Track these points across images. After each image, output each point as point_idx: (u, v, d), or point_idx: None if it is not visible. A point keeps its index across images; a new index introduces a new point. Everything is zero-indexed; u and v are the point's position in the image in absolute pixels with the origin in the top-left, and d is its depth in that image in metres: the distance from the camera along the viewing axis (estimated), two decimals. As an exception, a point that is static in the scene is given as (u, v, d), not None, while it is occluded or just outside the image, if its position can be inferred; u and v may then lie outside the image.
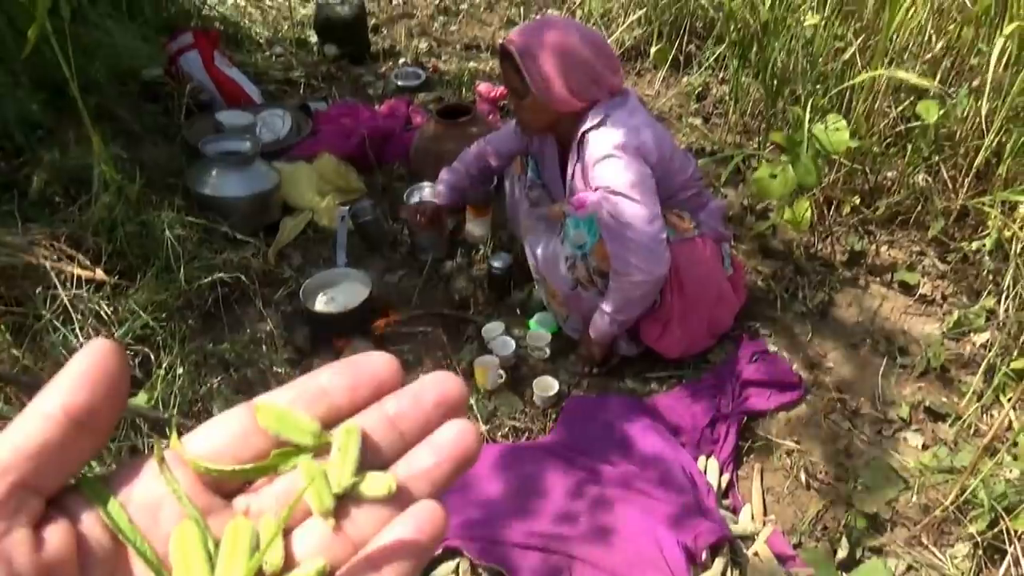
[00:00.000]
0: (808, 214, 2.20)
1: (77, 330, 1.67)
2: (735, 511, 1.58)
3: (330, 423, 0.29)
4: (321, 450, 0.28)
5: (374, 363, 0.30)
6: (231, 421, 0.28)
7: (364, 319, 1.95)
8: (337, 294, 1.99)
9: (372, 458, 0.28)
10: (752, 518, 1.56)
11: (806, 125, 1.89)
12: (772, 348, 1.97)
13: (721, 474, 1.64)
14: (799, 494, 1.66)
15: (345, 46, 3.30)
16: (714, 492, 1.56)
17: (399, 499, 0.28)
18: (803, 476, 1.68)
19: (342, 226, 2.17)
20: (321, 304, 1.96)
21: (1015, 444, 1.72)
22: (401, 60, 3.37)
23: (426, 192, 2.24)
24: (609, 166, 1.65)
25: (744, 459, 1.73)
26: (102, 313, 1.74)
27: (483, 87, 2.90)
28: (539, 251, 1.87)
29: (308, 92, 3.09)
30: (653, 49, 3.13)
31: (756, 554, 1.45)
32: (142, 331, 1.78)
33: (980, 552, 1.50)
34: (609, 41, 3.26)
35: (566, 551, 1.30)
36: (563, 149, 1.86)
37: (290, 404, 0.28)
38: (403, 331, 2.00)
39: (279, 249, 2.24)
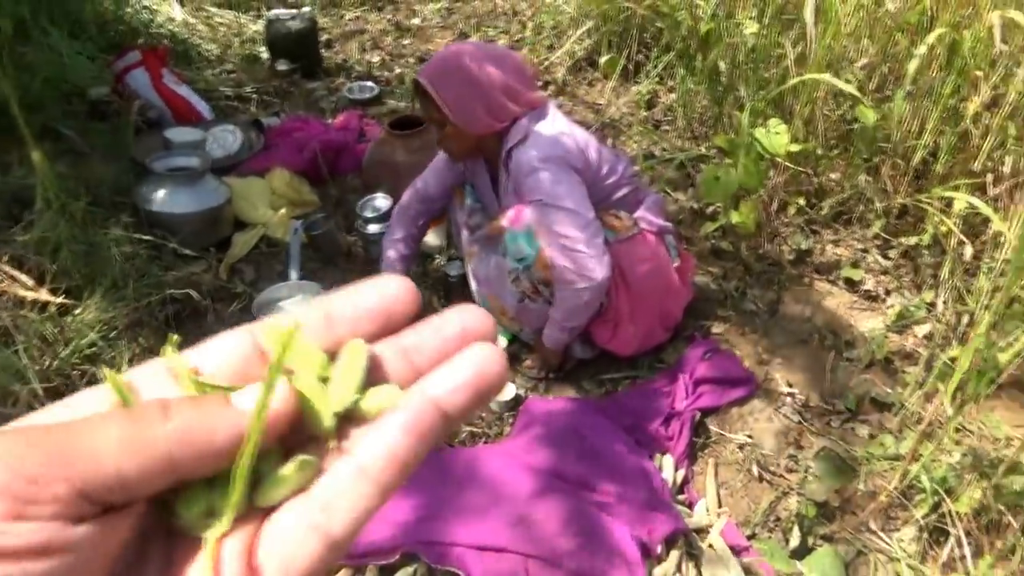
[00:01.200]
0: (754, 215, 2.27)
1: (20, 351, 1.63)
2: (690, 505, 1.61)
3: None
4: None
5: (386, 289, 0.27)
6: (234, 342, 0.27)
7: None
8: (291, 308, 1.97)
9: (380, 379, 0.26)
10: (707, 511, 1.58)
11: (745, 129, 1.94)
12: (724, 346, 2.01)
13: (676, 470, 1.67)
14: (752, 486, 1.69)
15: (297, 61, 3.30)
16: (669, 488, 1.59)
17: None
18: (756, 469, 1.71)
19: (295, 239, 2.16)
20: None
21: (957, 430, 1.79)
22: (354, 74, 3.38)
23: (379, 203, 2.25)
24: (538, 179, 1.67)
25: (698, 454, 1.76)
26: (47, 334, 1.71)
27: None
28: (483, 272, 1.89)
29: (260, 107, 3.09)
30: (603, 59, 3.19)
31: (711, 546, 1.47)
32: (90, 350, 1.75)
33: (925, 535, 1.55)
34: (560, 52, 3.32)
35: (523, 551, 1.31)
36: (493, 169, 1.88)
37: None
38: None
39: (232, 264, 2.23)
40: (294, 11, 3.29)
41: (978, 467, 1.50)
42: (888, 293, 2.20)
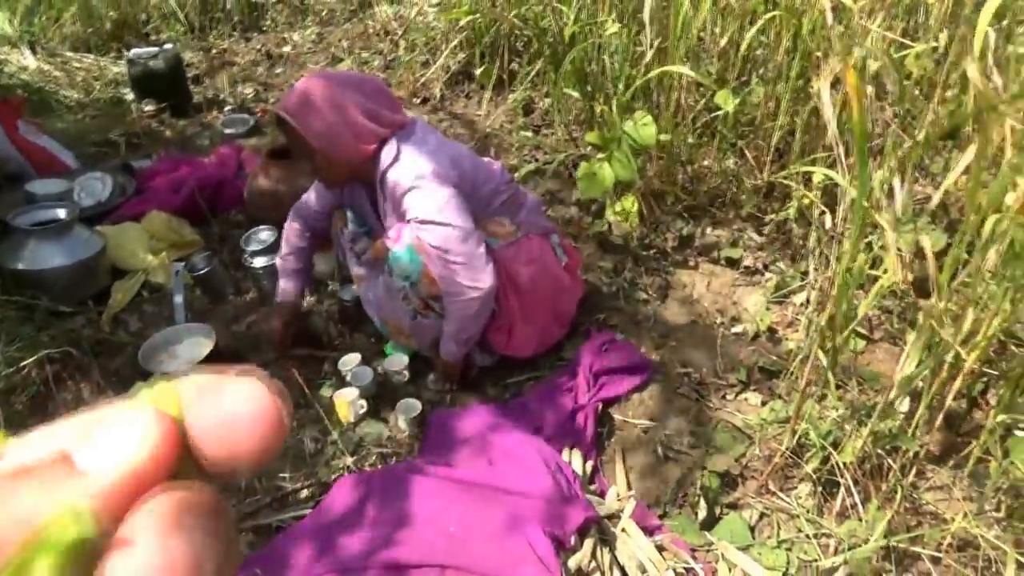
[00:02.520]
0: (636, 208, 2.36)
1: None
2: (602, 494, 1.65)
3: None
4: None
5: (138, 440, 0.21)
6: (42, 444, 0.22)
7: (213, 372, 1.88)
8: (180, 351, 1.91)
9: None
10: (617, 497, 1.63)
11: (616, 124, 2.02)
12: (620, 336, 2.07)
13: (585, 462, 1.71)
14: (659, 467, 1.76)
15: (165, 100, 3.19)
16: (579, 480, 1.63)
17: None
18: (660, 450, 1.78)
19: (177, 282, 2.09)
20: (162, 364, 1.89)
21: (837, 387, 1.91)
22: (227, 108, 3.30)
23: (263, 235, 2.20)
24: (414, 197, 1.68)
25: (605, 444, 1.81)
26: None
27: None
28: (373, 295, 1.89)
29: (129, 151, 2.97)
30: (478, 71, 3.24)
31: (623, 530, 1.52)
32: (-39, 424, 1.64)
33: (819, 488, 1.64)
34: (436, 67, 3.35)
35: (438, 563, 1.31)
36: (372, 192, 1.88)
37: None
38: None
39: (113, 315, 2.13)
40: (155, 49, 3.18)
41: (856, 416, 1.61)
42: (766, 267, 2.33)
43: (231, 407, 0.22)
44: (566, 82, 2.72)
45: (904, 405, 1.68)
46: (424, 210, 1.66)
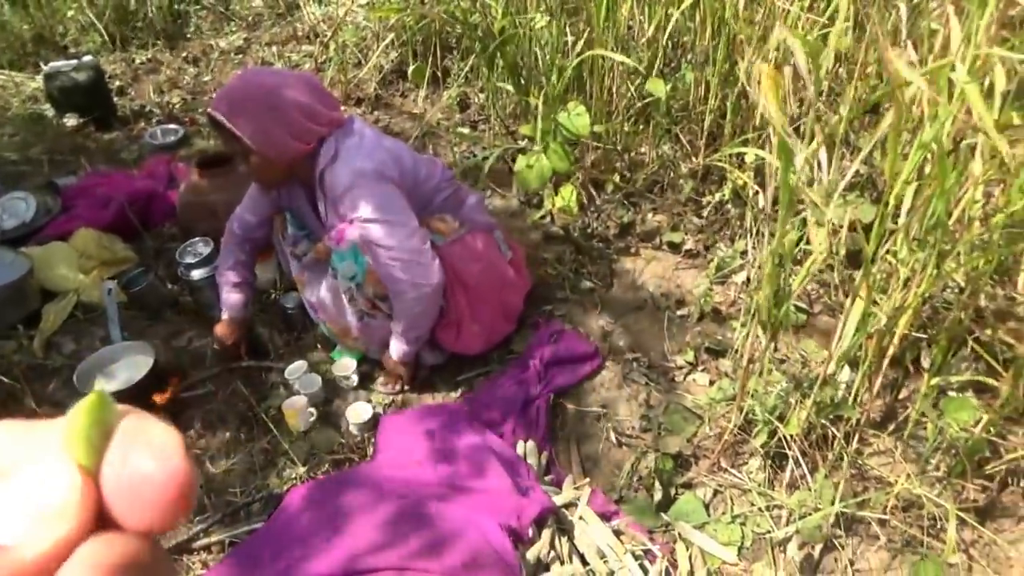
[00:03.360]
0: (575, 198, 2.37)
1: None
2: (558, 484, 1.66)
3: None
4: None
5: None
6: None
7: (154, 391, 1.83)
8: (118, 371, 1.85)
9: None
10: (573, 486, 1.64)
11: (550, 115, 2.02)
12: (567, 326, 2.08)
13: (540, 453, 1.72)
14: (613, 453, 1.77)
15: (87, 113, 3.08)
16: (535, 472, 1.63)
17: None
18: (613, 436, 1.79)
19: (109, 300, 2.02)
20: (99, 385, 1.82)
21: (781, 362, 1.95)
22: (154, 119, 3.20)
23: (199, 247, 2.15)
24: (354, 196, 1.65)
25: (559, 434, 1.82)
26: None
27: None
28: (316, 298, 1.86)
29: (53, 169, 2.86)
30: (411, 69, 3.21)
31: (581, 518, 1.52)
32: None
33: (769, 462, 1.68)
34: (369, 66, 3.31)
35: (395, 566, 1.30)
36: (311, 193, 1.85)
37: None
38: (200, 393, 1.91)
39: (46, 339, 2.05)
40: (74, 61, 3.07)
41: (799, 389, 1.65)
42: (707, 249, 2.37)
43: (140, 468, 0.22)
44: (499, 76, 2.72)
45: (844, 375, 1.73)
46: (366, 208, 1.64)
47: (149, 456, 0.22)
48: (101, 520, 0.22)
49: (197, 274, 2.09)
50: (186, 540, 1.55)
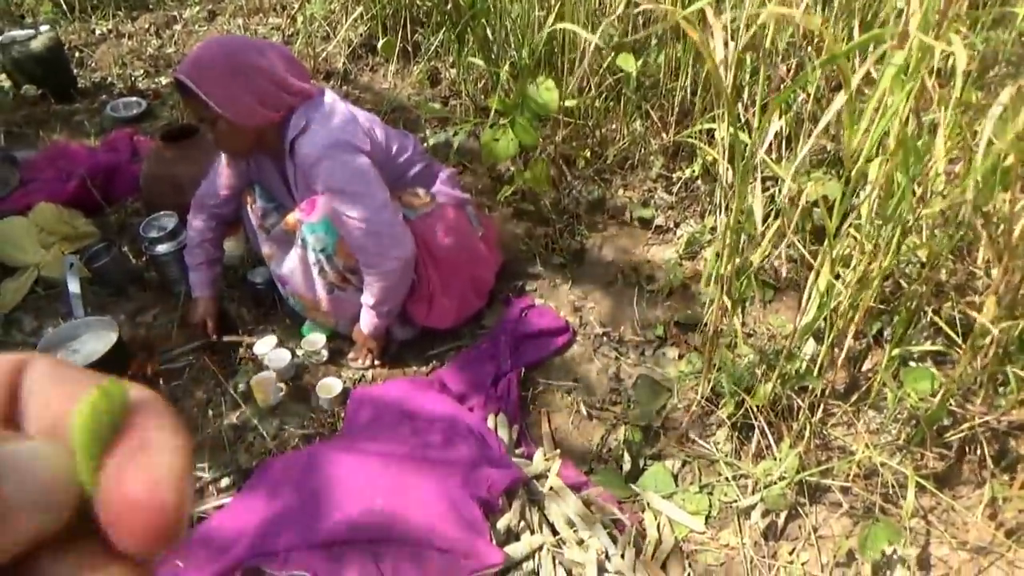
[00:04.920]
0: (546, 174, 2.37)
1: None
2: (529, 457, 1.67)
3: None
4: None
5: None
6: None
7: (117, 367, 1.80)
8: (81, 346, 1.82)
9: None
10: (544, 458, 1.65)
11: (521, 89, 2.01)
12: (539, 301, 2.09)
13: (511, 426, 1.72)
14: (583, 426, 1.79)
15: (45, 84, 3.00)
16: (505, 444, 1.64)
17: None
18: (584, 409, 1.81)
19: (71, 275, 1.98)
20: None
21: (749, 336, 1.98)
22: (115, 91, 3.12)
23: (163, 221, 2.11)
24: (326, 167, 1.63)
25: (530, 407, 1.83)
26: None
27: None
28: (285, 271, 1.83)
29: (11, 141, 2.78)
30: (380, 43, 3.17)
31: (551, 489, 1.54)
32: None
33: (735, 432, 1.71)
34: (338, 40, 3.26)
35: (367, 538, 1.30)
36: (280, 164, 1.82)
37: None
38: (169, 368, 1.88)
39: (5, 315, 2.01)
40: (31, 31, 2.97)
41: (765, 361, 1.68)
42: (677, 225, 2.38)
43: (130, 492, 0.21)
44: (470, 51, 2.69)
45: (809, 347, 1.77)
46: (338, 180, 1.62)
47: (142, 481, 0.21)
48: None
49: (162, 249, 2.05)
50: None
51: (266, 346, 1.90)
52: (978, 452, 1.59)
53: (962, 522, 1.57)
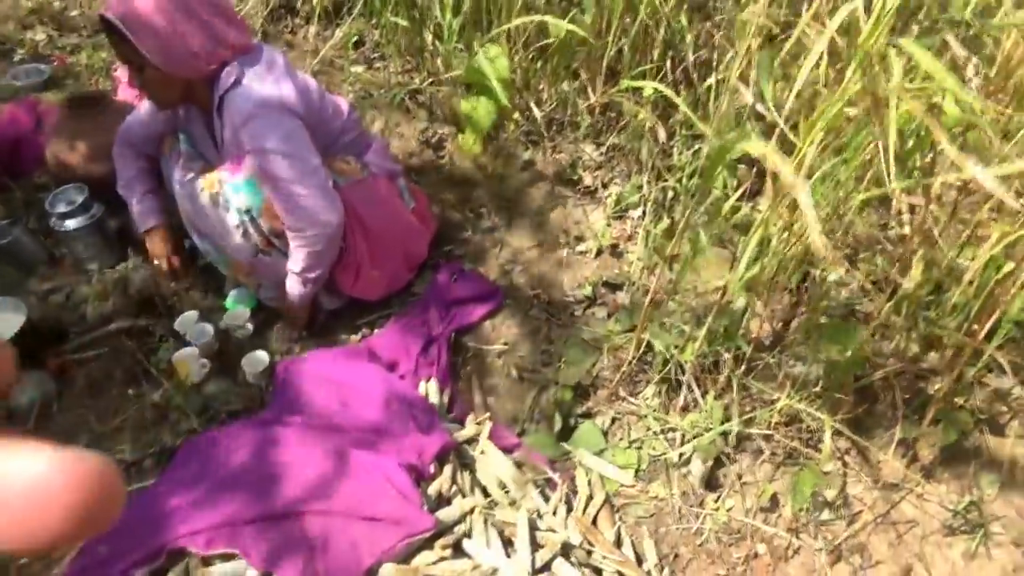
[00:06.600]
0: (477, 137, 2.34)
1: None
2: (461, 421, 1.67)
3: None
4: None
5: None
6: None
7: (29, 348, 1.72)
8: (-10, 329, 1.73)
9: None
10: (476, 422, 1.65)
11: (449, 55, 1.97)
12: (468, 266, 2.07)
13: (442, 392, 1.72)
14: (515, 388, 1.79)
15: (-63, 52, 2.79)
16: (436, 410, 1.63)
17: None
18: (515, 372, 1.81)
19: (-28, 253, 1.88)
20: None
21: (675, 292, 2.01)
22: (16, 57, 2.93)
23: (72, 194, 2.00)
24: (256, 126, 1.57)
25: (461, 372, 1.82)
26: None
27: (121, 72, 2.64)
28: (207, 228, 1.77)
29: (-100, 113, 2.59)
30: (300, 3, 3.06)
31: (482, 452, 1.54)
32: None
33: (664, 388, 1.74)
34: (253, 1, 3.12)
35: (295, 511, 1.29)
36: (208, 117, 1.75)
37: None
38: (86, 353, 1.81)
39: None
40: (-83, -8, 2.76)
41: (694, 318, 1.71)
42: (605, 185, 2.39)
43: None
44: (394, 11, 2.62)
45: (739, 303, 1.80)
46: (269, 140, 1.56)
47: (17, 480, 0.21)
48: None
49: (71, 224, 1.95)
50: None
51: (187, 321, 1.85)
52: (888, 397, 1.66)
53: (876, 461, 1.64)
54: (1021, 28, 1.27)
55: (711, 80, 2.03)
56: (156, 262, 1.93)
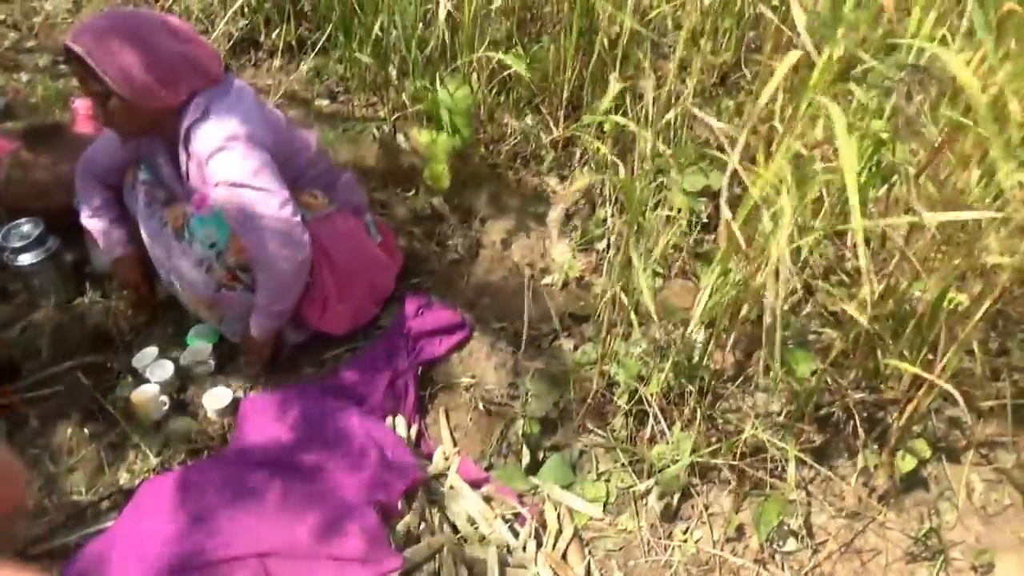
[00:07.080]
0: (444, 170, 2.35)
1: None
2: (429, 456, 1.66)
3: None
4: None
5: None
6: None
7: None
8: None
9: None
10: (444, 457, 1.64)
11: (411, 89, 1.99)
12: (435, 298, 2.07)
13: (409, 427, 1.71)
14: (482, 422, 1.79)
15: None
16: (404, 444, 1.62)
17: None
18: (483, 405, 1.81)
19: (-79, 289, 1.81)
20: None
21: (640, 324, 2.03)
22: (-32, 89, 2.87)
23: (25, 228, 1.95)
24: (224, 159, 1.56)
25: (429, 406, 1.81)
26: None
27: (80, 103, 2.59)
28: (169, 261, 1.74)
29: None
30: (263, 38, 3.06)
31: (451, 487, 1.53)
32: None
33: (631, 419, 1.75)
34: (217, 34, 3.11)
35: (259, 551, 1.26)
36: (173, 150, 1.73)
37: None
38: (41, 391, 1.75)
39: None
40: None
41: (658, 350, 1.73)
42: (570, 218, 2.42)
43: None
44: (358, 47, 2.64)
45: (701, 335, 1.83)
46: (236, 173, 1.54)
47: None
48: None
49: (25, 259, 1.91)
50: (20, 548, 1.43)
51: (147, 358, 1.81)
52: (850, 425, 1.69)
53: (839, 490, 1.67)
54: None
55: (670, 115, 2.08)
56: (125, 291, 1.89)
